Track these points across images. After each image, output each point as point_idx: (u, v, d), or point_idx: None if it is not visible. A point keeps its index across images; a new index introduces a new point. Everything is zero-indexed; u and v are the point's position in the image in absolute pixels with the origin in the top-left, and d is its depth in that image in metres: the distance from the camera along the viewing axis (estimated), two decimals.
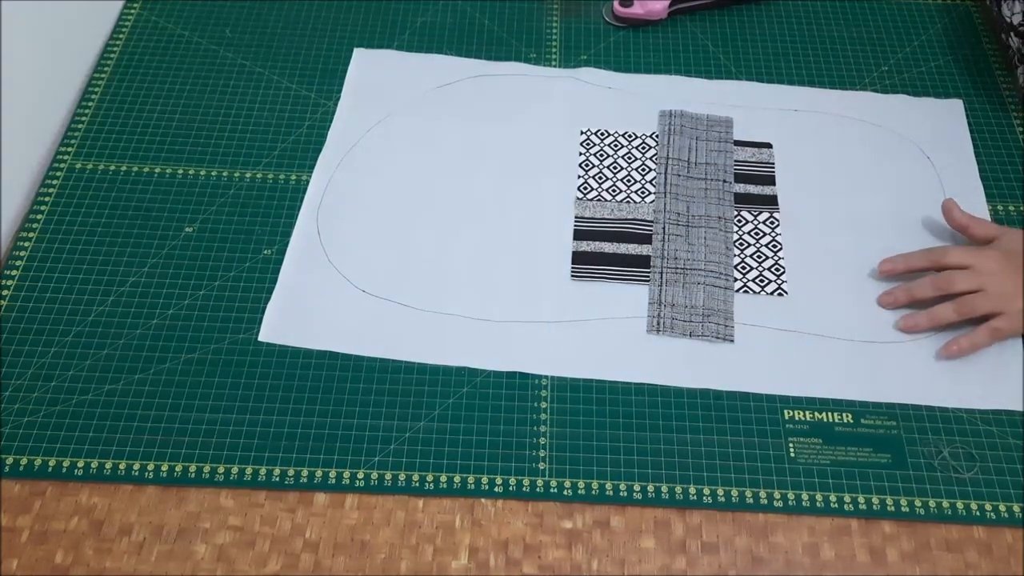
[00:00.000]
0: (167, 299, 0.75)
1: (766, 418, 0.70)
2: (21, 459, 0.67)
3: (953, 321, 0.73)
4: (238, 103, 0.89)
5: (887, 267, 0.76)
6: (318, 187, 0.82)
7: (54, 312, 0.74)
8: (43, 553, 0.63)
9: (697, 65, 0.93)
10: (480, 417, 0.70)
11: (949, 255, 0.74)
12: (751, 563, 0.64)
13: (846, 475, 0.67)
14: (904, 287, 0.75)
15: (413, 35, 0.95)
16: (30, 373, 0.71)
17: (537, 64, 0.93)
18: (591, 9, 0.98)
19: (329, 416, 0.70)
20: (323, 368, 0.72)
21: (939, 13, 0.98)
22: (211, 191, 0.82)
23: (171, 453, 0.68)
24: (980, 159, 0.85)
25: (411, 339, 0.73)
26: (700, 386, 0.72)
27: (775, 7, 0.98)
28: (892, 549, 0.65)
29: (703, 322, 0.74)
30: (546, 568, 0.64)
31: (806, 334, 0.74)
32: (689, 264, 0.77)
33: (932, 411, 0.71)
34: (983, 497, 0.66)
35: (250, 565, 0.63)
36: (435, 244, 0.79)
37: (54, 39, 0.86)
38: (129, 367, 0.72)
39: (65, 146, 0.85)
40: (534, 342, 0.73)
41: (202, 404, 0.70)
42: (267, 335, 0.73)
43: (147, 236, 0.79)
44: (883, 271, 0.76)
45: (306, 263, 0.78)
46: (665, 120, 0.87)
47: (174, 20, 0.96)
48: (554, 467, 0.68)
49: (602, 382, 0.72)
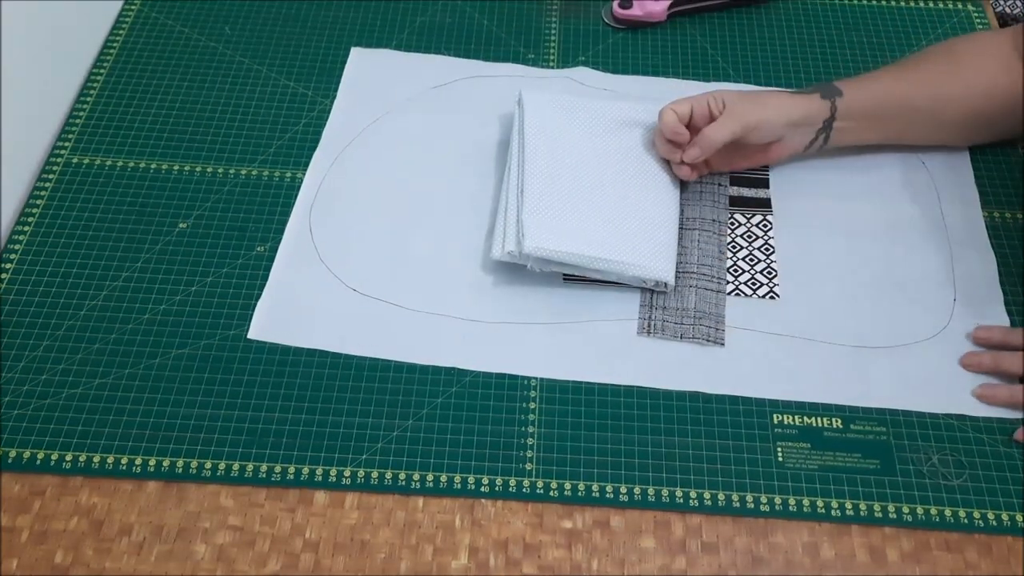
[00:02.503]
0: (159, 294, 0.76)
1: (755, 422, 0.70)
2: (10, 452, 0.67)
3: None
4: (235, 100, 0.89)
5: (983, 335, 0.73)
6: (312, 185, 0.83)
7: (46, 306, 0.75)
8: (43, 553, 0.64)
9: (696, 67, 0.93)
10: (468, 417, 0.70)
11: None
12: (751, 563, 0.64)
13: (834, 480, 0.67)
14: (994, 356, 0.72)
15: (412, 35, 0.95)
16: (21, 366, 0.71)
17: (535, 65, 0.93)
18: (590, 10, 0.98)
19: (317, 414, 0.70)
20: (312, 366, 0.72)
21: (940, 17, 0.98)
22: (206, 187, 0.83)
23: (159, 448, 0.68)
24: (977, 165, 0.85)
25: (401, 339, 0.73)
26: (690, 389, 0.71)
27: (775, 10, 0.98)
28: (892, 549, 0.65)
29: (694, 325, 0.74)
30: (546, 568, 0.64)
31: (797, 338, 0.74)
32: (681, 267, 0.77)
33: (922, 417, 0.70)
34: (972, 504, 0.66)
35: (250, 565, 0.63)
36: (427, 244, 0.79)
37: (55, 35, 0.87)
38: (120, 361, 0.72)
39: (63, 141, 0.86)
40: (525, 344, 0.73)
41: (192, 400, 0.70)
42: (256, 332, 0.73)
43: (141, 231, 0.80)
44: (978, 338, 0.73)
45: (298, 261, 0.78)
46: None
47: (174, 17, 0.96)
48: (541, 468, 0.67)
49: (591, 384, 0.72)
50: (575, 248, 0.72)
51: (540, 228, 0.73)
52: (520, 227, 0.73)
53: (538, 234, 0.72)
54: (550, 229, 0.73)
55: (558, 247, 0.72)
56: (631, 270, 0.73)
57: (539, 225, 0.73)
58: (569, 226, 0.74)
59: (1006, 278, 0.78)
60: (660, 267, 0.73)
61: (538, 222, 0.73)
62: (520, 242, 0.72)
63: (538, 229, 0.73)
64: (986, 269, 0.78)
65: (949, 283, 0.77)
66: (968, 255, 0.79)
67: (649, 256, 0.73)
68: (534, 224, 0.73)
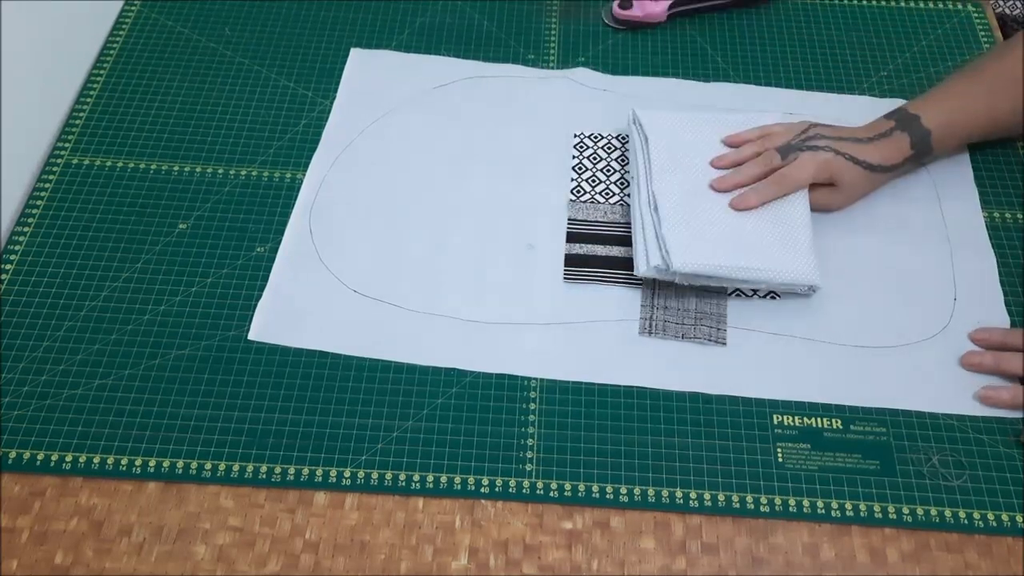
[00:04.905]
0: (159, 295, 0.76)
1: (755, 423, 0.70)
2: (10, 452, 0.67)
3: None
4: (235, 101, 0.89)
5: (982, 336, 0.74)
6: (312, 186, 0.83)
7: (46, 307, 0.75)
8: (43, 553, 0.64)
9: (696, 68, 0.93)
10: (468, 418, 0.70)
11: None
12: (751, 563, 0.64)
13: (834, 481, 0.67)
14: (995, 356, 0.72)
15: (412, 35, 0.95)
16: (21, 367, 0.71)
17: (535, 65, 0.93)
18: (590, 11, 0.98)
19: (317, 414, 0.70)
20: (312, 367, 0.72)
21: (940, 18, 0.98)
22: (206, 188, 0.83)
23: (159, 449, 0.68)
24: (977, 166, 0.85)
25: (401, 340, 0.73)
26: (690, 389, 0.71)
27: (775, 10, 0.98)
28: (892, 549, 0.65)
29: (696, 325, 0.74)
30: (546, 568, 0.64)
31: (797, 338, 0.74)
32: None
33: (922, 418, 0.70)
34: (972, 505, 0.66)
35: (250, 565, 0.63)
36: (427, 245, 0.79)
37: (55, 35, 0.87)
38: (120, 362, 0.72)
39: (63, 141, 0.86)
40: (525, 344, 0.73)
41: (192, 400, 0.70)
42: (257, 334, 0.73)
43: (141, 232, 0.80)
44: (978, 339, 0.74)
45: (298, 262, 0.78)
46: None
47: (174, 18, 0.96)
48: (541, 468, 0.67)
49: (591, 384, 0.72)
50: (722, 261, 0.72)
51: (683, 244, 0.73)
52: (662, 243, 0.73)
53: (682, 251, 0.72)
54: (693, 244, 0.73)
55: (705, 261, 0.72)
56: (779, 276, 0.73)
57: (681, 241, 0.73)
58: (710, 238, 0.74)
59: (1006, 278, 0.78)
60: (807, 271, 0.73)
61: (679, 238, 0.73)
62: (666, 259, 0.72)
63: (681, 246, 0.73)
64: (986, 269, 0.78)
65: (949, 283, 0.77)
66: (968, 255, 0.79)
67: (794, 261, 0.73)
68: (676, 241, 0.73)
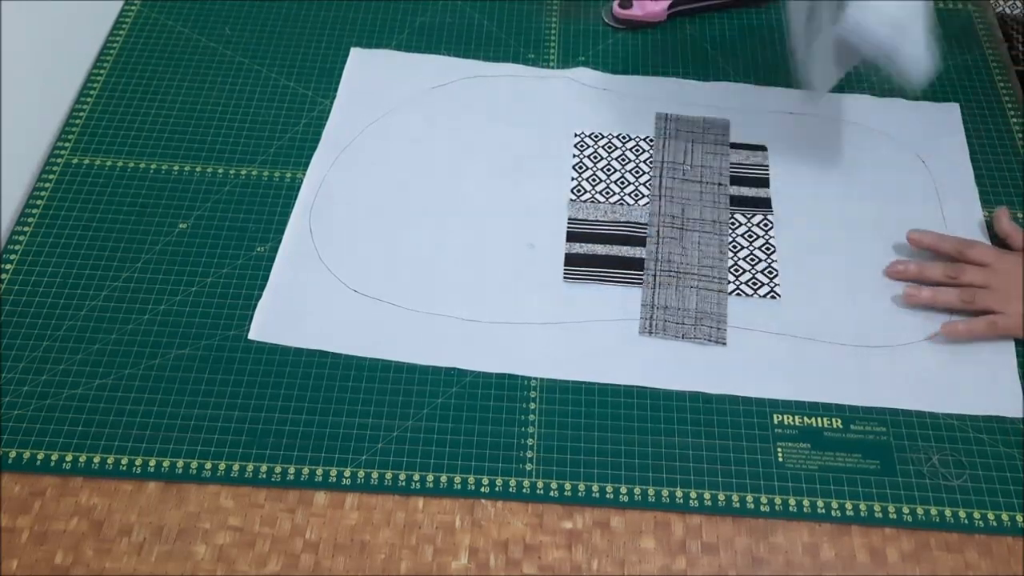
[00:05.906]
0: (159, 295, 0.76)
1: (755, 422, 0.70)
2: (10, 452, 0.67)
3: (954, 306, 0.74)
4: (235, 100, 0.89)
5: (916, 236, 0.77)
6: (311, 186, 0.83)
7: (46, 306, 0.75)
8: (43, 553, 0.63)
9: (696, 67, 0.93)
10: (468, 418, 0.70)
11: (973, 249, 0.75)
12: (751, 563, 0.64)
13: (834, 481, 0.67)
14: (918, 263, 0.77)
15: (412, 35, 0.95)
16: (21, 367, 0.71)
17: (535, 65, 0.93)
18: (590, 10, 0.98)
19: (317, 414, 0.70)
20: (312, 366, 0.72)
21: (940, 18, 0.97)
22: (206, 187, 0.83)
23: (159, 448, 0.68)
24: (977, 164, 0.85)
25: (401, 339, 0.73)
26: (690, 389, 0.71)
27: (775, 10, 0.98)
28: (892, 549, 0.65)
29: (696, 325, 0.74)
30: (546, 568, 0.64)
31: (797, 338, 0.74)
32: (683, 267, 0.77)
33: (922, 417, 0.70)
34: (972, 505, 0.66)
35: (250, 565, 0.63)
36: (427, 245, 0.79)
37: (55, 35, 0.87)
38: (120, 362, 0.72)
39: (63, 141, 0.86)
40: (526, 344, 0.73)
41: (192, 400, 0.70)
42: (257, 333, 0.73)
43: (141, 232, 0.80)
44: (912, 239, 0.77)
45: (298, 262, 0.78)
46: (661, 123, 0.87)
47: (174, 17, 0.96)
48: (541, 468, 0.67)
49: (591, 384, 0.71)
50: None
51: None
52: None
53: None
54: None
55: None
56: None
57: None
58: None
59: None
60: None
61: None
62: None
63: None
64: None
65: None
66: None
67: None
68: None
